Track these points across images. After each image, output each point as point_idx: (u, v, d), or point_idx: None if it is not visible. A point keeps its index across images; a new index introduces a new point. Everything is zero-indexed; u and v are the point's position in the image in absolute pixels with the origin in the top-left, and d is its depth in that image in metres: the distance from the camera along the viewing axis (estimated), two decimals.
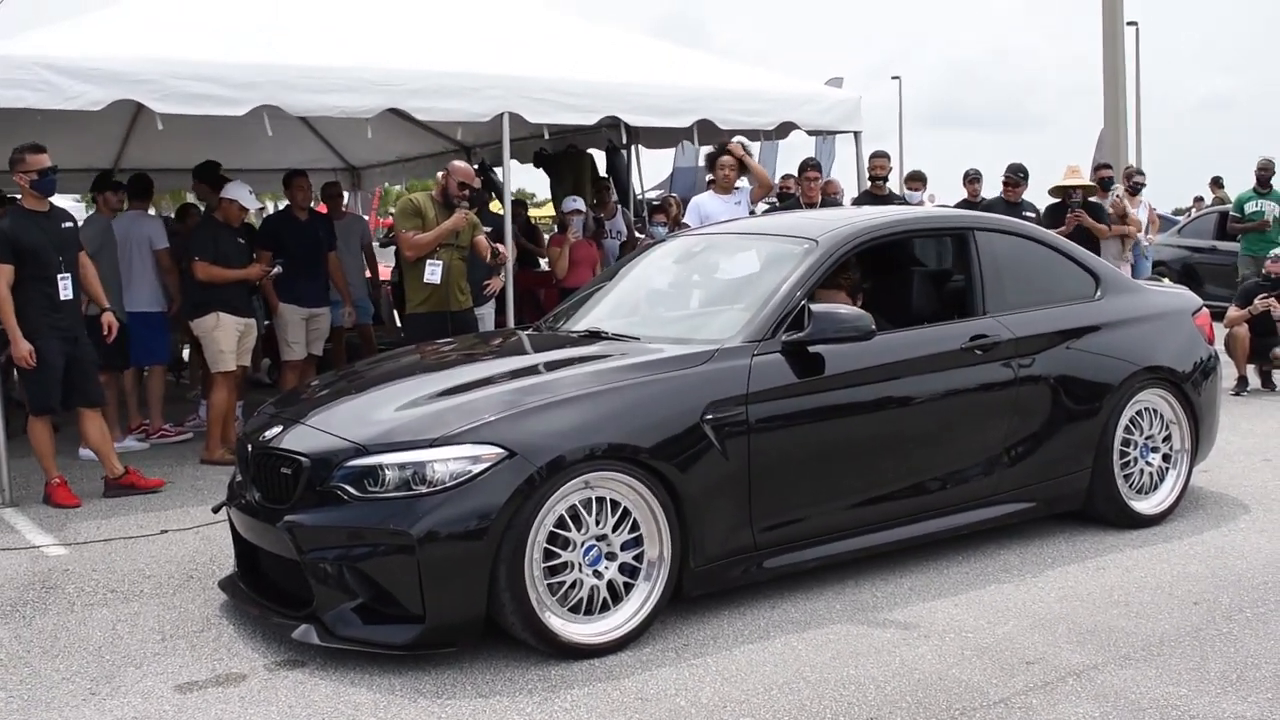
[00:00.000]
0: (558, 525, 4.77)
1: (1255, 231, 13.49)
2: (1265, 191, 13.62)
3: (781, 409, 5.34)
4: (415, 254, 8.38)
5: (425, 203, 8.50)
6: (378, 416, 5.06)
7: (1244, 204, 13.81)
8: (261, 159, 13.40)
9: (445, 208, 8.48)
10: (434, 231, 8.35)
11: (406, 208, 8.58)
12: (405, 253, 8.44)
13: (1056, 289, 6.55)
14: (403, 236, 8.42)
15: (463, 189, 8.48)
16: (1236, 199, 14.29)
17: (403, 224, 8.48)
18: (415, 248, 8.35)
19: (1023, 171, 11.94)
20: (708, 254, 6.83)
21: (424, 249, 8.35)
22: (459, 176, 8.50)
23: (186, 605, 5.62)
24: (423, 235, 8.34)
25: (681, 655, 4.84)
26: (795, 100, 11.03)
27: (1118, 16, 19.17)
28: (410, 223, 8.41)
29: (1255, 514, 6.81)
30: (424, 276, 8.41)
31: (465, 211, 8.51)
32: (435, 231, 8.35)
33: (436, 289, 8.41)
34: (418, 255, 8.38)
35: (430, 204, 8.49)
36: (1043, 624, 5.11)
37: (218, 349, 8.81)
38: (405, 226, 8.43)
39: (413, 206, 8.51)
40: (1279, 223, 13.48)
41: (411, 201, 8.60)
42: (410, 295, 8.59)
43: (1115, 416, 6.41)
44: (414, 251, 8.37)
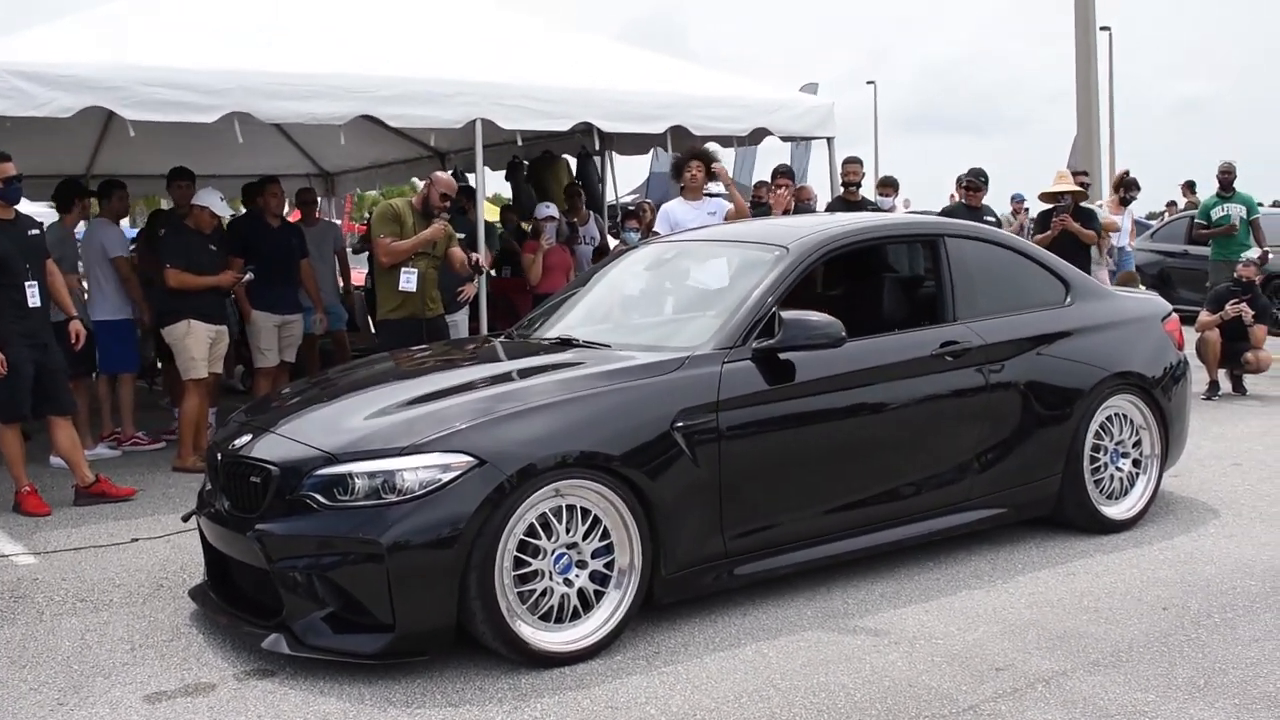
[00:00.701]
0: (528, 533, 4.76)
1: (1223, 236, 13.59)
2: (1229, 195, 13.72)
3: (752, 416, 5.35)
4: (391, 260, 8.34)
5: (404, 210, 8.47)
6: (347, 425, 5.05)
7: (1210, 210, 13.91)
8: (235, 165, 13.32)
9: (424, 217, 8.46)
10: (412, 240, 8.32)
11: (386, 213, 8.53)
12: (380, 258, 8.40)
13: (1026, 295, 6.58)
14: (380, 242, 8.38)
15: (444, 200, 8.47)
16: (1202, 206, 14.39)
17: (380, 229, 8.43)
18: (391, 254, 8.32)
19: (983, 176, 11.95)
20: (679, 261, 6.84)
21: (400, 256, 8.33)
22: (441, 188, 8.49)
23: (156, 614, 5.58)
24: (400, 243, 8.31)
25: (652, 663, 4.84)
26: (768, 106, 11.06)
27: (1090, 21, 19.25)
28: (388, 228, 8.38)
29: (1225, 519, 6.85)
30: (399, 284, 8.39)
31: (444, 223, 8.50)
32: (413, 240, 8.32)
33: (410, 297, 8.39)
34: (393, 262, 8.35)
35: (409, 211, 8.46)
36: (1013, 630, 5.13)
37: (189, 356, 8.77)
38: (383, 232, 8.39)
39: (392, 212, 8.48)
40: (1245, 225, 13.57)
41: (391, 207, 8.57)
42: (383, 301, 8.56)
43: (1085, 422, 6.44)
44: (390, 258, 8.33)
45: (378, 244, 8.39)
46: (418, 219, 8.43)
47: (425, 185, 8.61)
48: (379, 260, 8.41)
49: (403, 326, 8.34)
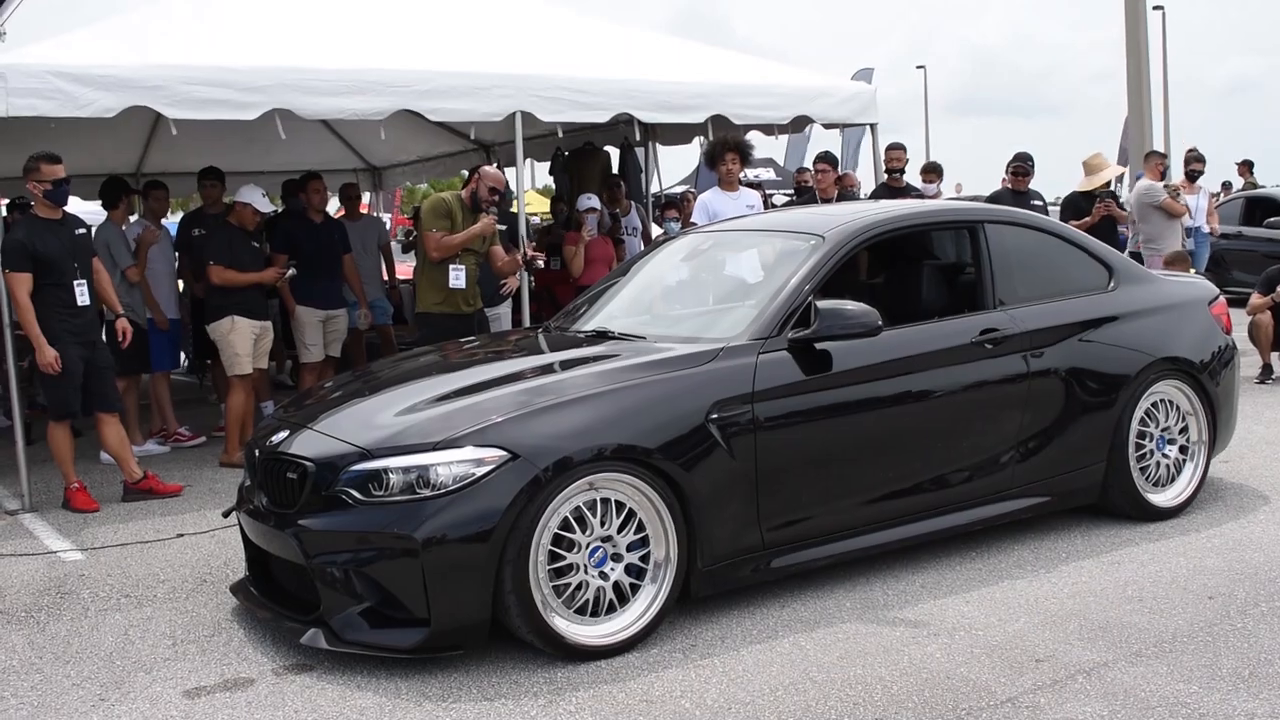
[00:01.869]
0: (562, 527, 4.76)
1: None
2: None
3: (788, 407, 5.32)
4: (441, 255, 8.31)
5: (454, 204, 8.43)
6: (382, 420, 5.06)
7: None
8: (281, 160, 13.38)
9: (473, 211, 8.45)
10: (463, 234, 8.30)
11: (438, 207, 8.47)
12: (431, 253, 8.31)
13: (1069, 280, 6.49)
14: (430, 236, 8.33)
15: (493, 194, 8.46)
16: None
17: (432, 223, 8.36)
18: (442, 249, 8.29)
19: (1030, 160, 11.80)
20: (715, 251, 6.81)
21: (450, 251, 8.30)
22: (490, 182, 8.47)
23: (199, 610, 5.64)
24: (451, 237, 8.28)
25: (688, 656, 4.83)
26: (809, 94, 10.97)
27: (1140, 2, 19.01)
28: (440, 223, 8.33)
29: (1275, 505, 6.74)
30: (449, 281, 8.37)
31: (493, 217, 8.49)
32: (464, 234, 8.31)
33: (452, 293, 8.38)
34: (443, 256, 8.33)
35: (459, 206, 8.44)
36: (1054, 621, 5.07)
37: (233, 352, 8.84)
38: (434, 226, 8.33)
39: (444, 207, 8.42)
40: None
41: (443, 202, 8.51)
42: (424, 294, 8.54)
43: (1130, 409, 6.35)
44: (441, 253, 8.30)
45: (428, 238, 8.34)
46: (467, 214, 8.42)
47: (473, 180, 8.59)
48: (429, 254, 8.34)
49: (442, 321, 8.34)
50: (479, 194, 8.44)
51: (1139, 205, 12.49)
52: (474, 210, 8.45)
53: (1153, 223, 12.43)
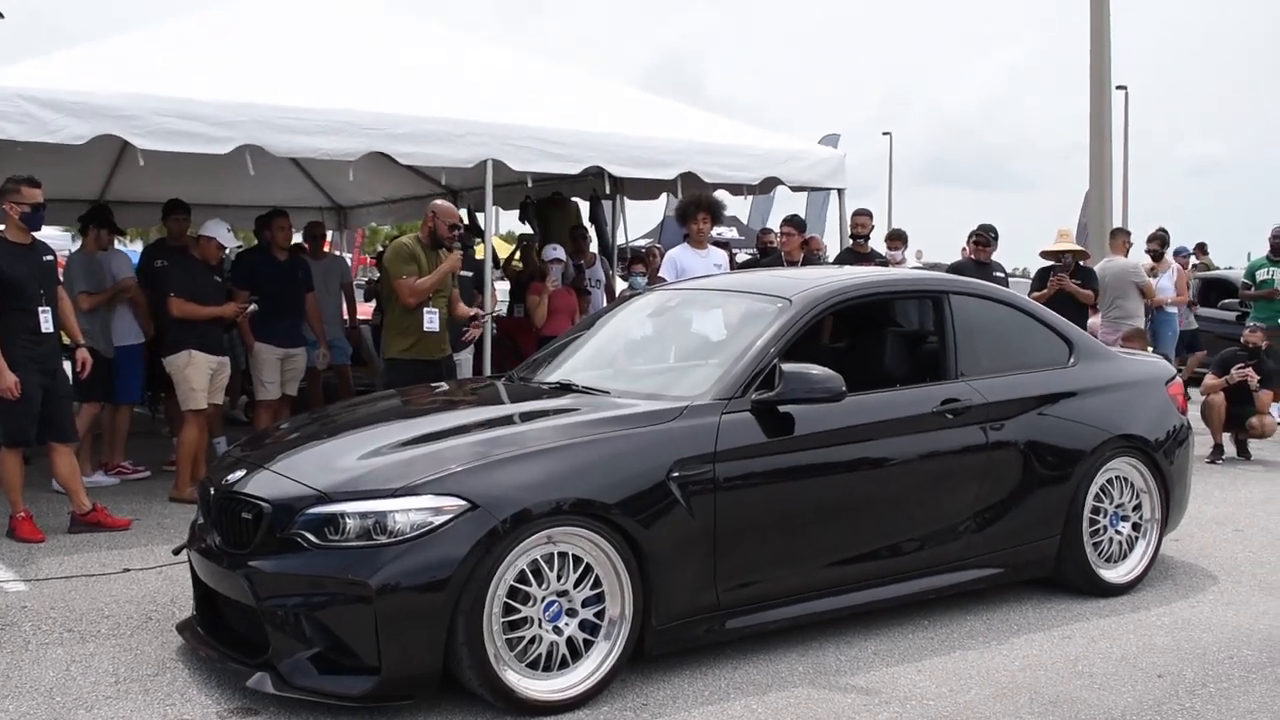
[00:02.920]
0: (518, 580, 4.72)
1: (1265, 299, 13.50)
2: (1278, 260, 13.63)
3: (749, 468, 5.32)
4: (417, 299, 8.23)
5: (415, 247, 8.38)
6: (341, 464, 5.02)
7: (1255, 271, 13.78)
8: (248, 195, 13.37)
9: (434, 249, 8.41)
10: (434, 275, 8.24)
11: (401, 252, 8.38)
12: (406, 300, 8.23)
13: (1030, 354, 6.56)
14: (403, 284, 8.22)
15: (452, 230, 8.42)
16: (1249, 266, 14.23)
17: (400, 269, 8.26)
18: (417, 293, 8.21)
19: (993, 231, 11.93)
20: (682, 309, 6.83)
21: (425, 294, 8.24)
22: (446, 218, 8.42)
23: (143, 647, 5.55)
24: (423, 280, 8.21)
25: (640, 715, 4.79)
26: (779, 156, 11.09)
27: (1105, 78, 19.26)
28: (408, 268, 8.24)
29: (1224, 585, 6.79)
30: (423, 325, 8.31)
31: (459, 252, 8.46)
32: (436, 275, 8.25)
33: (425, 337, 8.33)
34: (419, 300, 8.27)
35: (419, 247, 8.40)
36: (1005, 693, 5.08)
37: (189, 387, 8.76)
38: (404, 272, 8.23)
39: (407, 251, 8.33)
40: None
41: (404, 246, 8.43)
42: (394, 341, 8.45)
43: (1086, 484, 6.40)
44: (417, 297, 8.22)
45: (400, 285, 8.21)
46: (429, 254, 8.38)
47: (429, 218, 8.53)
48: (404, 301, 8.24)
49: (412, 367, 8.28)
50: (438, 231, 8.39)
51: (1121, 281, 12.66)
52: (435, 248, 8.40)
53: (1132, 299, 12.63)
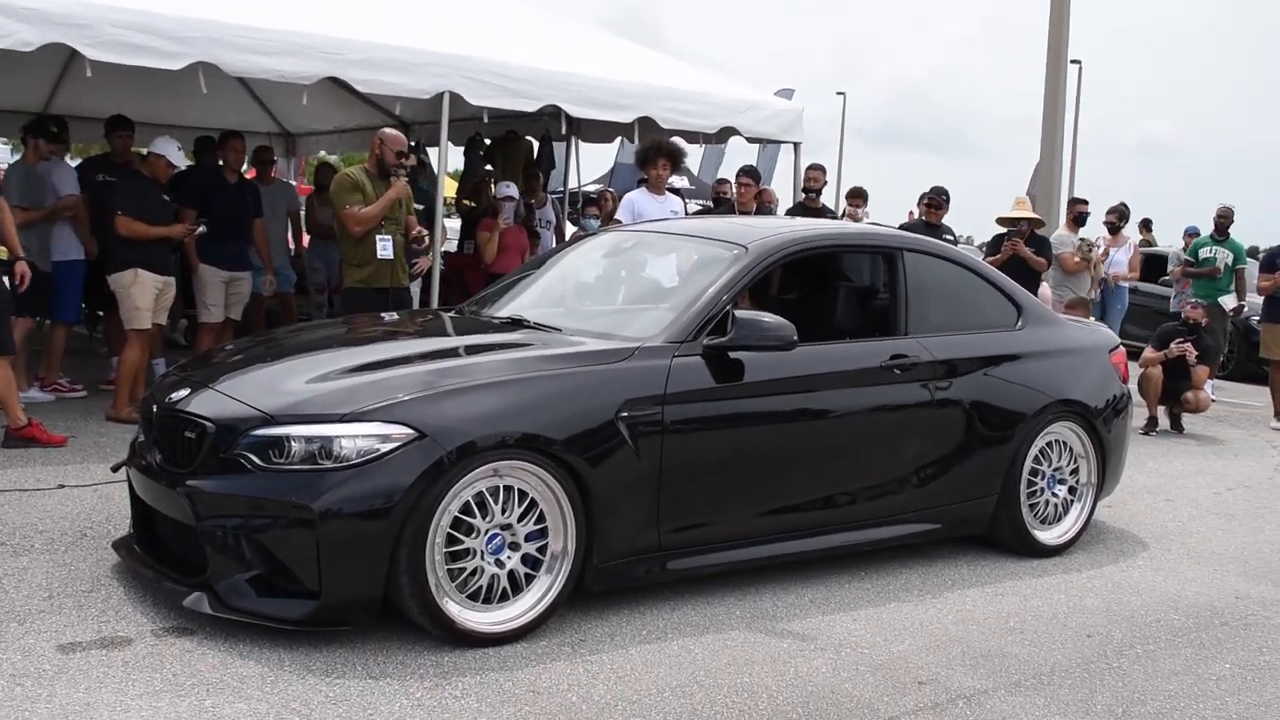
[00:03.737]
0: (463, 511, 4.71)
1: (1207, 277, 13.68)
2: (1222, 239, 13.79)
3: (698, 412, 5.33)
4: (364, 228, 8.16)
5: (361, 176, 8.30)
6: (288, 387, 4.97)
7: (1199, 249, 13.98)
8: (194, 116, 13.16)
9: (382, 178, 8.33)
10: (379, 203, 8.16)
11: (345, 183, 8.30)
12: (352, 229, 8.16)
13: (979, 315, 6.61)
14: (348, 213, 8.14)
15: (399, 157, 8.34)
16: (1193, 244, 14.43)
17: (345, 199, 8.19)
18: (363, 222, 8.14)
19: (945, 194, 12.01)
20: (637, 251, 6.81)
21: (372, 223, 8.16)
22: (393, 145, 8.33)
23: (77, 564, 5.49)
24: (368, 209, 8.13)
25: (578, 651, 4.81)
26: (738, 106, 11.05)
27: (1062, 51, 19.34)
28: (352, 197, 8.17)
29: (1153, 552, 6.91)
30: (377, 252, 8.22)
31: (405, 180, 8.38)
32: (381, 203, 8.17)
33: (382, 266, 8.26)
34: (366, 230, 8.19)
35: (366, 177, 8.31)
36: (938, 645, 5.15)
37: (134, 305, 8.63)
38: (348, 202, 8.16)
39: (351, 181, 8.25)
40: (1230, 271, 13.67)
41: (349, 176, 8.36)
42: (350, 271, 8.38)
43: (1026, 446, 6.48)
44: (363, 226, 8.15)
45: (346, 215, 8.14)
46: (377, 182, 8.30)
47: (376, 145, 8.44)
48: (350, 231, 8.18)
49: (368, 297, 8.20)
50: (385, 159, 8.31)
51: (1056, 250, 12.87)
52: (383, 177, 8.32)
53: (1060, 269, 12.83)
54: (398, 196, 8.29)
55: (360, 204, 8.14)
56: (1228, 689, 4.88)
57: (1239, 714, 4.64)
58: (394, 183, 8.27)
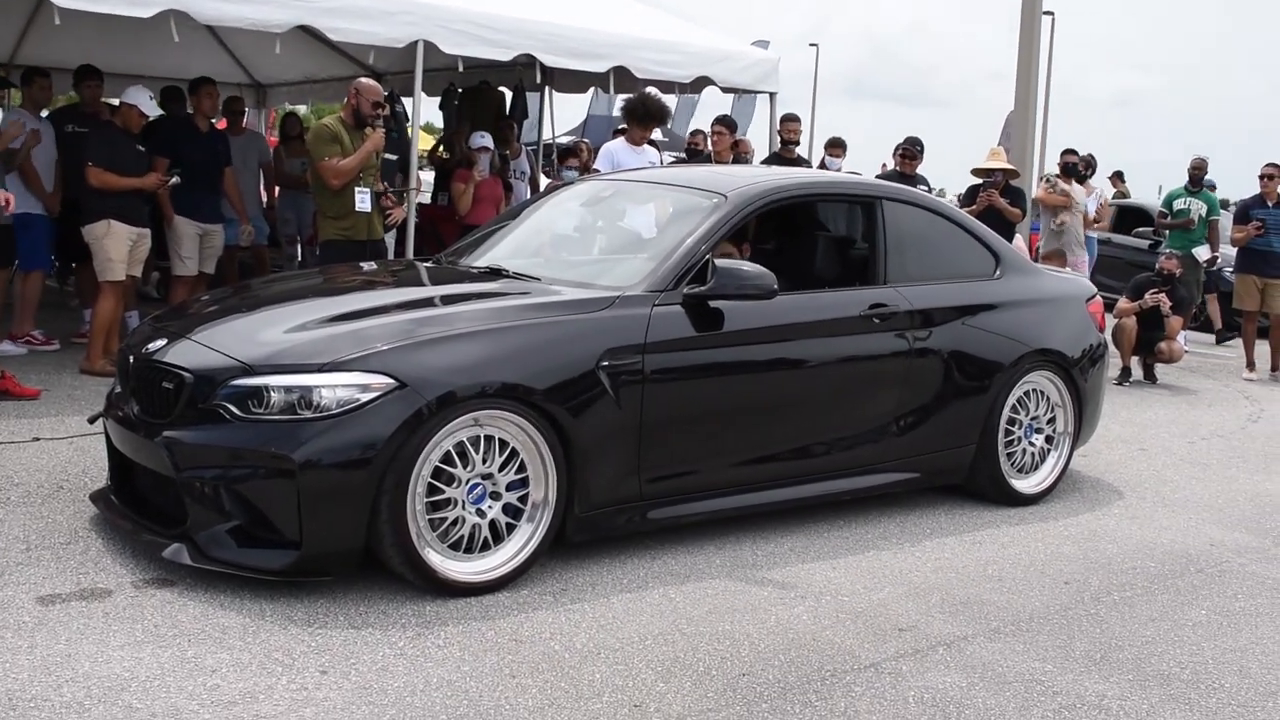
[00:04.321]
0: (444, 461, 4.70)
1: (1181, 229, 13.73)
2: (1196, 190, 13.81)
3: (678, 361, 5.32)
4: (342, 181, 8.09)
5: (337, 127, 8.21)
6: (266, 337, 4.93)
7: (1173, 200, 13.99)
8: (162, 66, 12.98)
9: (358, 128, 8.25)
10: (357, 155, 8.09)
11: (322, 134, 8.22)
12: (331, 181, 8.09)
13: (958, 264, 6.61)
14: (325, 165, 8.08)
15: (375, 107, 8.26)
16: (1167, 195, 14.43)
17: (323, 151, 8.12)
18: (342, 175, 8.06)
19: (919, 145, 12.03)
20: (615, 200, 6.76)
21: (350, 175, 8.09)
22: (370, 95, 8.25)
23: (55, 516, 5.45)
24: (346, 161, 8.05)
25: (559, 600, 4.82)
26: (713, 56, 10.99)
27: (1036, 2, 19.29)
28: (330, 149, 8.10)
29: (1129, 500, 6.96)
30: (355, 205, 8.16)
31: (382, 130, 8.31)
32: (359, 154, 8.10)
33: (360, 218, 8.20)
34: (344, 182, 8.12)
35: (342, 127, 8.23)
36: (917, 593, 5.18)
37: (107, 257, 8.53)
38: (326, 154, 8.09)
39: (329, 133, 8.17)
40: (1203, 222, 13.70)
41: (326, 128, 8.28)
42: (327, 224, 8.31)
43: (1004, 395, 6.50)
44: (340, 179, 8.07)
45: (324, 167, 8.07)
46: (353, 134, 8.22)
47: (352, 96, 8.35)
48: (329, 183, 8.10)
49: (346, 249, 8.14)
50: (361, 110, 8.23)
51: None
52: (359, 127, 8.25)
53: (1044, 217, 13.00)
54: (375, 148, 8.22)
55: (339, 155, 8.07)
56: (1204, 634, 4.93)
57: (1215, 659, 4.69)
58: (370, 133, 8.20)
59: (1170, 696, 4.31)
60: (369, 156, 8.18)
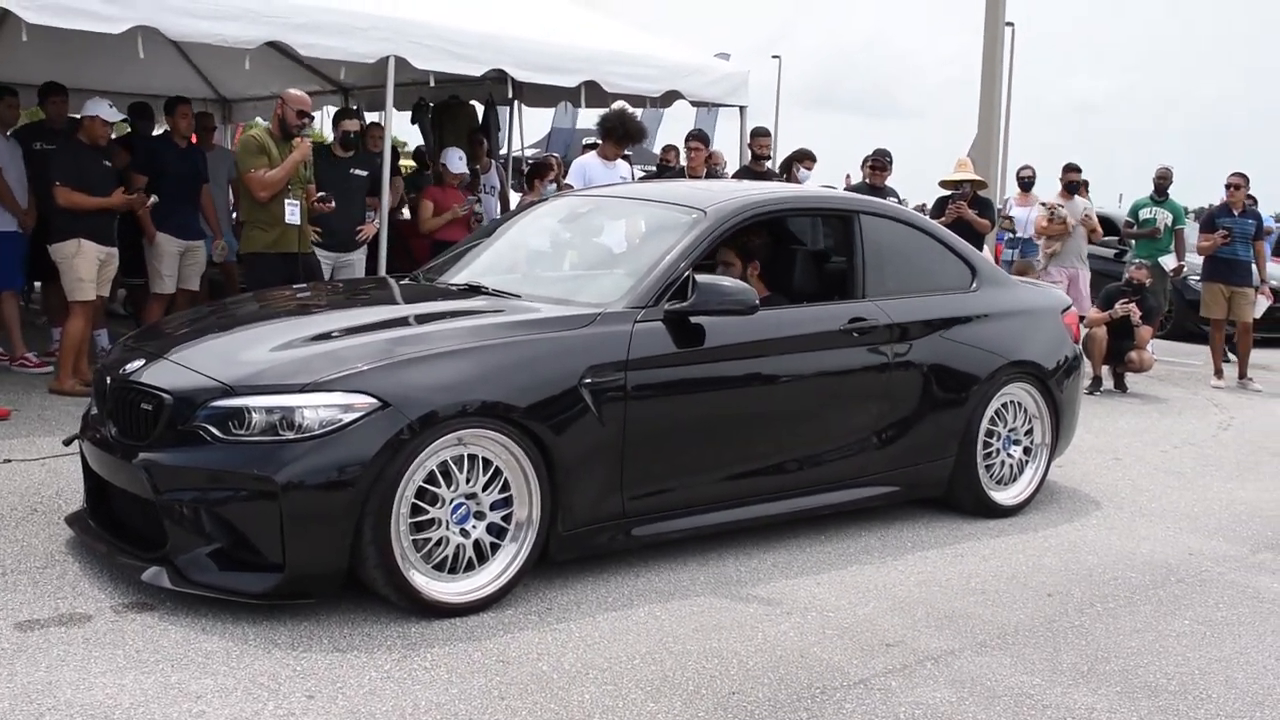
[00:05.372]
0: (427, 481, 4.66)
1: (1147, 238, 13.82)
2: (1161, 200, 13.89)
3: (660, 378, 5.30)
4: (270, 193, 8.08)
5: (265, 138, 8.20)
6: (247, 357, 4.88)
7: (1139, 210, 14.09)
8: (127, 82, 12.92)
9: (285, 140, 8.22)
10: (284, 166, 8.07)
11: (250, 145, 8.22)
12: (258, 193, 8.08)
13: (935, 278, 6.62)
14: (253, 177, 8.06)
15: (301, 117, 8.24)
16: (1133, 205, 14.51)
17: (250, 163, 8.11)
18: (269, 186, 8.05)
19: (888, 156, 12.08)
20: (594, 216, 6.75)
21: (277, 186, 8.07)
22: (295, 105, 8.24)
23: (30, 539, 5.37)
24: (273, 173, 8.04)
25: (544, 619, 4.79)
26: (684, 70, 11.01)
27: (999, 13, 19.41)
28: (257, 160, 8.08)
29: (1106, 510, 6.99)
30: (284, 216, 8.15)
31: (308, 141, 8.30)
32: (286, 165, 8.08)
33: (289, 230, 8.16)
34: (272, 194, 8.09)
35: (270, 139, 8.20)
36: (902, 607, 5.17)
37: (77, 277, 8.43)
38: (253, 166, 8.07)
39: (255, 144, 8.16)
40: (1169, 231, 13.79)
41: (253, 139, 8.26)
42: (255, 236, 8.25)
43: (982, 407, 6.51)
44: (268, 190, 8.06)
45: (250, 179, 8.07)
46: (280, 145, 8.19)
47: (278, 106, 8.32)
48: (256, 195, 8.09)
49: (277, 263, 8.10)
50: (287, 120, 8.22)
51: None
52: (286, 139, 8.22)
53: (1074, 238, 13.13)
54: (302, 159, 8.19)
55: (265, 167, 8.05)
56: (1189, 645, 4.95)
57: (1201, 669, 4.70)
58: (298, 144, 8.17)
59: (1159, 708, 4.31)
60: (296, 168, 8.16)
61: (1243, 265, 12.55)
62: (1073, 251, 13.11)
